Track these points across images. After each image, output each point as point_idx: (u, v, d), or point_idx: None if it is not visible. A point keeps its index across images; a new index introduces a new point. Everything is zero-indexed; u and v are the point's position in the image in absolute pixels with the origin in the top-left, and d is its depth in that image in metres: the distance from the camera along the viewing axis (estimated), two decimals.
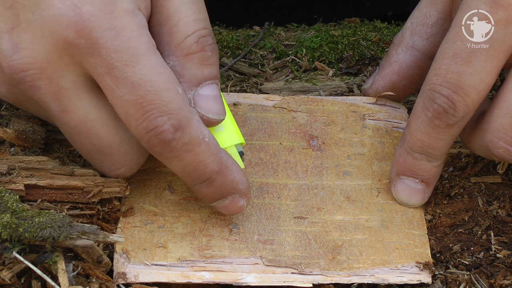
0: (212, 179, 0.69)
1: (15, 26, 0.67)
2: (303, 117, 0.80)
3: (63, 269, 0.65)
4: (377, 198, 0.76)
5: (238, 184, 0.71)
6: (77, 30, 0.65)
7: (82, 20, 0.65)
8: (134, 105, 0.66)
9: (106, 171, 0.72)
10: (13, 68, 0.67)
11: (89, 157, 0.71)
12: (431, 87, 0.71)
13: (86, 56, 0.66)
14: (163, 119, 0.66)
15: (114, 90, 0.66)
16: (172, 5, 0.70)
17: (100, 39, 0.65)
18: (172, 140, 0.67)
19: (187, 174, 0.69)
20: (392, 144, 0.79)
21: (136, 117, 0.66)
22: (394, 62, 0.79)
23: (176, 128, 0.67)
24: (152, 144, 0.67)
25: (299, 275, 0.71)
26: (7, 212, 0.65)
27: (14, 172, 0.71)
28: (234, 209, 0.72)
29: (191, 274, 0.70)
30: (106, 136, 0.69)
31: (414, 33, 0.79)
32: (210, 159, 0.69)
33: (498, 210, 0.76)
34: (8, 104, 0.78)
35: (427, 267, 0.72)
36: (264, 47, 0.91)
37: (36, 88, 0.67)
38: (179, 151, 0.67)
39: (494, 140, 0.71)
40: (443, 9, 0.78)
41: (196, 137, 0.68)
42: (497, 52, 0.69)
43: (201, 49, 0.70)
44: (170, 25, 0.70)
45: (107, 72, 0.66)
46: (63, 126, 0.69)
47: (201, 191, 0.71)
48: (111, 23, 0.65)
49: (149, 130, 0.66)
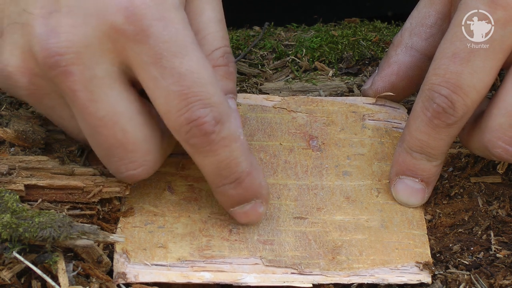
0: (242, 179, 0.70)
1: (53, 11, 0.66)
2: (303, 118, 0.80)
3: (63, 269, 0.65)
4: (377, 198, 0.77)
5: (263, 189, 0.71)
6: (127, 16, 0.65)
7: (134, 6, 0.65)
8: (178, 96, 0.66)
9: (122, 170, 0.70)
10: (49, 51, 0.66)
11: (108, 154, 0.69)
12: (430, 87, 0.71)
13: (132, 43, 0.66)
14: (206, 111, 0.66)
15: (158, 80, 0.66)
16: (203, 19, 0.74)
17: (150, 27, 0.65)
18: (212, 132, 0.67)
19: (218, 172, 0.69)
20: (392, 144, 0.79)
21: (179, 107, 0.66)
22: (393, 63, 0.80)
23: (217, 121, 0.67)
24: (191, 135, 0.67)
25: (299, 275, 0.71)
26: (7, 212, 0.65)
27: (14, 172, 0.71)
28: (253, 216, 0.72)
29: (191, 274, 0.70)
30: (132, 131, 0.68)
31: (413, 33, 0.79)
32: (243, 158, 0.69)
33: (498, 210, 0.76)
34: (8, 104, 0.78)
35: (427, 267, 0.72)
36: (264, 47, 0.91)
37: (69, 74, 0.66)
38: (216, 144, 0.67)
39: (493, 140, 0.71)
40: (442, 9, 0.78)
41: (234, 133, 0.68)
42: (496, 52, 0.70)
43: (226, 64, 0.74)
44: (199, 37, 0.73)
45: (153, 61, 0.66)
46: (89, 117, 0.67)
47: (227, 193, 0.70)
48: (161, 14, 0.66)
49: (190, 120, 0.66)
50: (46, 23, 0.66)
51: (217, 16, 0.75)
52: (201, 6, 0.74)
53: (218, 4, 0.76)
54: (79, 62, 0.66)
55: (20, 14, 0.68)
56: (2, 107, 0.77)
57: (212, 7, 0.75)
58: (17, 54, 0.68)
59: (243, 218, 0.72)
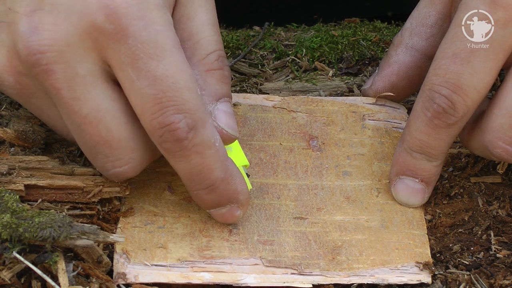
0: (215, 186, 0.69)
1: (36, 9, 0.66)
2: (303, 118, 0.80)
3: (63, 269, 0.65)
4: (377, 198, 0.76)
5: (239, 194, 0.71)
6: (107, 14, 0.65)
7: (114, 5, 0.65)
8: (152, 99, 0.66)
9: (108, 168, 0.70)
10: (30, 49, 0.66)
11: (93, 151, 0.69)
12: (431, 87, 0.71)
13: (111, 42, 0.65)
14: (179, 117, 0.66)
15: (134, 81, 0.66)
16: (196, 24, 0.73)
17: (129, 26, 0.65)
18: (185, 139, 0.67)
19: (191, 177, 0.69)
20: (392, 144, 0.79)
21: (152, 111, 0.66)
22: (393, 63, 0.79)
23: (191, 127, 0.66)
24: (163, 139, 0.67)
25: (299, 275, 0.71)
26: (7, 212, 0.65)
27: (14, 172, 0.71)
28: (229, 218, 0.72)
29: (191, 275, 0.70)
30: (116, 128, 0.68)
31: (414, 33, 0.79)
32: (217, 165, 0.69)
33: (498, 210, 0.76)
34: (8, 104, 0.78)
35: (427, 267, 0.72)
36: (264, 47, 0.91)
37: (51, 73, 0.66)
38: (189, 151, 0.67)
39: (493, 140, 0.71)
40: (443, 9, 0.78)
41: (208, 140, 0.68)
42: (496, 52, 0.70)
43: (220, 68, 0.73)
44: (193, 41, 0.72)
45: (130, 62, 0.65)
46: (72, 115, 0.67)
47: (201, 197, 0.70)
48: (141, 13, 0.65)
49: (163, 125, 0.66)
50: (29, 21, 0.66)
51: (211, 19, 0.74)
52: (194, 9, 0.74)
53: (211, 6, 0.75)
54: (60, 61, 0.66)
55: (6, 13, 0.68)
56: (2, 107, 0.77)
57: (205, 10, 0.74)
58: (3, 53, 0.68)
59: (219, 219, 0.73)
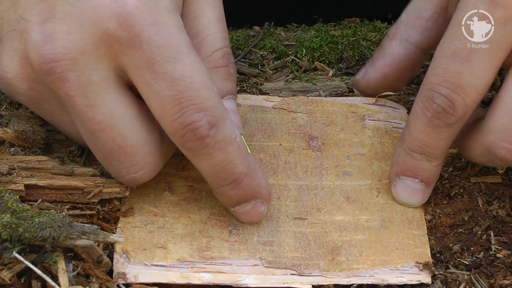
0: (239, 180, 0.70)
1: (49, 17, 0.66)
2: (303, 118, 0.80)
3: (63, 269, 0.65)
4: (377, 198, 0.76)
5: (262, 189, 0.71)
6: (120, 21, 0.65)
7: (126, 12, 0.65)
8: (172, 100, 0.66)
9: (124, 174, 0.70)
10: (44, 57, 0.66)
11: (108, 158, 0.70)
12: (430, 86, 0.71)
13: (126, 49, 0.66)
14: (200, 115, 0.67)
15: (152, 85, 0.66)
16: (202, 21, 0.74)
17: (142, 32, 0.66)
18: (207, 136, 0.67)
19: (215, 174, 0.69)
20: (392, 144, 0.79)
21: (173, 112, 0.66)
22: (387, 55, 0.79)
23: (212, 124, 0.67)
24: (186, 139, 0.67)
25: (299, 276, 0.71)
26: (7, 212, 0.65)
27: (14, 172, 0.71)
28: (255, 215, 0.72)
29: (190, 275, 0.70)
30: (130, 134, 0.68)
31: (409, 26, 0.79)
32: (240, 159, 0.69)
33: (498, 210, 0.76)
34: (8, 104, 0.78)
35: (427, 267, 0.72)
36: (264, 47, 0.91)
37: (65, 81, 0.66)
38: (212, 148, 0.68)
39: (496, 141, 0.71)
40: (439, 3, 0.78)
41: (229, 136, 0.68)
42: (496, 51, 0.69)
43: (226, 65, 0.74)
44: (199, 38, 0.74)
45: (146, 66, 0.66)
46: (86, 122, 0.68)
47: (226, 193, 0.71)
48: (154, 18, 0.66)
49: (185, 125, 0.67)
50: (42, 30, 0.66)
51: (218, 16, 0.75)
52: (201, 7, 0.75)
53: (219, 4, 0.76)
54: (74, 68, 0.66)
55: (18, 21, 0.68)
56: (2, 107, 0.77)
57: (212, 8, 0.75)
58: (16, 61, 0.69)
59: (244, 217, 0.73)
